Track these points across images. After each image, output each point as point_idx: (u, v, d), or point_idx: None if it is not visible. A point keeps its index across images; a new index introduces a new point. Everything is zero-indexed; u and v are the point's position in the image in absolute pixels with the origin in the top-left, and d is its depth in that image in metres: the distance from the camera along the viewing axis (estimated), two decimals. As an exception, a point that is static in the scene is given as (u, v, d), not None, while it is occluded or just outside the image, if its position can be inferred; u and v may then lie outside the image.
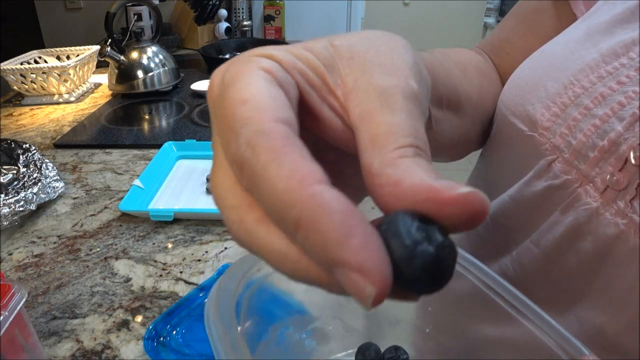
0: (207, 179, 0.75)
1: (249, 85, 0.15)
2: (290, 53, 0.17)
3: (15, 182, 0.68)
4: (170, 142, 0.85)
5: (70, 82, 1.16)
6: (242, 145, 0.14)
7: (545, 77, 0.31)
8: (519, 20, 0.41)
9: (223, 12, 1.66)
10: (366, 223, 0.13)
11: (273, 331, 0.30)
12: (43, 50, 1.27)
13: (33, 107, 1.14)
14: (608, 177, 0.26)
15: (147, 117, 1.08)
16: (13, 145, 0.78)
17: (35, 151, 0.76)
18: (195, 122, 1.01)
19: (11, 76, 1.10)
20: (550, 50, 0.34)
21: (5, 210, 0.62)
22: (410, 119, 0.16)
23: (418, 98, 0.17)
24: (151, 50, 1.17)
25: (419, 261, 0.13)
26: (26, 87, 1.13)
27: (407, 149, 0.15)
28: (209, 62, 1.40)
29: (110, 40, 1.12)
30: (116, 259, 0.59)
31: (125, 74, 1.14)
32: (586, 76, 0.28)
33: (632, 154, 0.25)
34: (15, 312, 0.36)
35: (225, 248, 0.60)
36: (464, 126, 0.34)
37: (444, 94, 0.29)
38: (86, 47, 1.28)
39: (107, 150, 0.90)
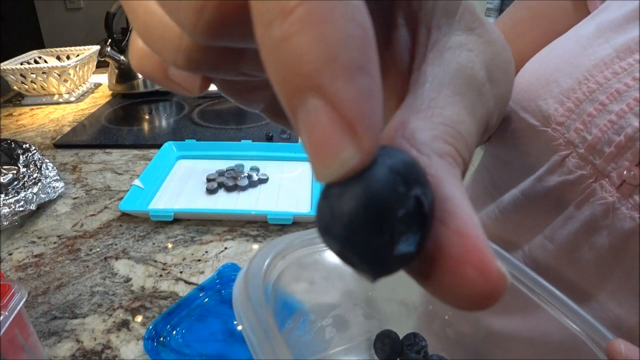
0: (207, 179, 0.75)
1: None
2: None
3: (15, 182, 0.68)
4: (170, 142, 0.85)
5: (70, 82, 1.16)
6: None
7: (557, 72, 0.31)
8: (531, 12, 0.40)
9: (223, 12, 1.66)
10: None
11: (295, 319, 0.31)
12: (43, 50, 1.27)
13: (33, 107, 1.14)
14: (625, 172, 0.27)
15: (147, 117, 1.08)
16: (13, 145, 0.78)
17: (35, 151, 0.76)
18: (195, 122, 1.01)
19: (11, 76, 1.10)
20: (561, 45, 0.34)
21: (5, 210, 0.62)
22: (463, 125, 0.13)
23: (485, 89, 0.15)
24: (151, 50, 1.17)
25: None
26: (26, 87, 1.13)
27: (449, 149, 0.12)
28: (209, 62, 1.40)
29: (110, 40, 1.12)
30: (116, 259, 0.59)
31: (125, 74, 1.14)
32: (600, 72, 0.29)
33: None
34: (15, 312, 0.36)
35: (225, 248, 0.60)
36: None
37: None
38: (86, 47, 1.28)
39: (107, 150, 0.90)
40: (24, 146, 0.77)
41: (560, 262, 0.31)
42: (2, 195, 0.64)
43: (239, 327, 0.19)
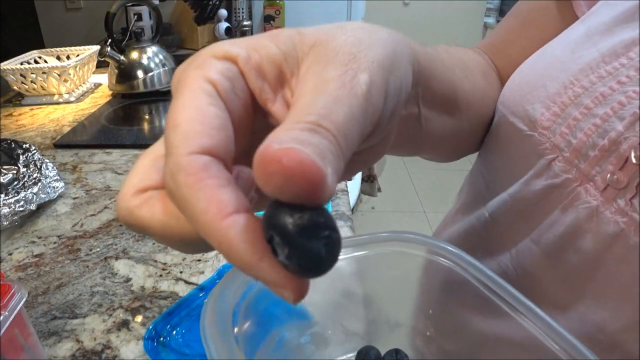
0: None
1: (184, 107, 0.16)
2: (250, 47, 0.17)
3: (15, 182, 0.68)
4: (170, 142, 0.85)
5: (70, 82, 1.16)
6: (167, 175, 0.15)
7: (545, 77, 0.31)
8: (520, 20, 0.41)
9: (223, 12, 1.66)
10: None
11: (272, 337, 0.30)
12: (43, 50, 1.27)
13: (33, 107, 1.14)
14: (608, 176, 0.26)
15: (147, 117, 1.08)
16: (13, 145, 0.78)
17: (35, 151, 0.76)
18: (195, 122, 1.01)
19: (11, 76, 1.10)
20: (550, 50, 0.34)
21: (5, 210, 0.62)
22: (330, 102, 0.15)
23: (364, 91, 0.16)
24: (151, 50, 1.17)
25: (295, 264, 0.14)
26: (26, 87, 1.13)
27: (304, 125, 0.15)
28: (209, 62, 1.39)
29: (110, 40, 1.12)
30: (116, 259, 0.59)
31: (125, 74, 1.14)
32: (586, 76, 0.28)
33: (632, 153, 0.25)
34: (15, 312, 0.36)
35: (225, 248, 0.60)
36: (458, 125, 0.34)
37: (438, 92, 0.29)
38: (86, 47, 1.28)
39: (107, 150, 0.90)
40: (24, 146, 0.77)
41: (546, 265, 0.30)
42: (2, 195, 0.64)
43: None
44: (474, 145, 0.39)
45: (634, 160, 0.25)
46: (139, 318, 0.49)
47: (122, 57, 1.13)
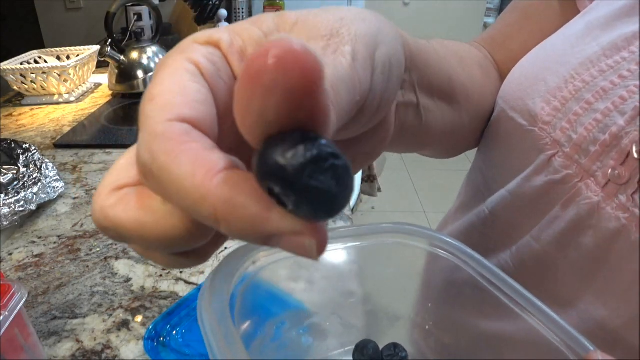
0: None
1: (163, 81, 0.14)
2: (232, 32, 0.16)
3: (15, 182, 0.68)
4: (170, 142, 0.85)
5: (70, 82, 1.16)
6: (141, 149, 0.13)
7: (546, 71, 0.31)
8: (520, 15, 0.40)
9: (223, 12, 1.66)
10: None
11: (269, 327, 0.30)
12: (43, 50, 1.27)
13: (33, 107, 1.14)
14: (610, 171, 0.26)
15: (147, 117, 1.08)
16: (13, 145, 0.78)
17: (35, 151, 0.76)
18: (195, 122, 1.01)
19: (11, 76, 1.10)
20: (550, 44, 0.33)
21: (5, 210, 0.62)
22: None
23: (349, 61, 0.16)
24: (151, 50, 1.17)
25: (306, 210, 0.12)
26: (26, 87, 1.13)
27: None
28: (209, 62, 1.39)
29: (110, 40, 1.12)
30: (116, 258, 0.59)
31: (125, 74, 1.14)
32: (587, 70, 0.28)
33: (634, 148, 0.25)
34: (15, 312, 0.36)
35: (225, 248, 0.60)
36: (458, 119, 0.33)
37: (435, 81, 0.29)
38: (86, 47, 1.28)
39: (107, 150, 0.90)
40: (24, 146, 0.77)
41: (546, 262, 0.30)
42: (2, 195, 0.64)
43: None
44: (474, 140, 0.39)
45: (635, 155, 0.25)
46: (139, 318, 0.49)
47: (122, 57, 1.13)
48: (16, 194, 0.65)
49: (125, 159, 0.16)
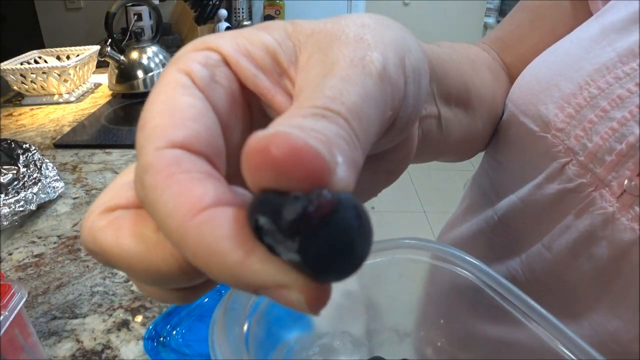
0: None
1: (154, 103, 0.14)
2: (239, 37, 0.16)
3: (15, 182, 0.68)
4: (170, 142, 0.85)
5: (70, 82, 1.16)
6: (135, 182, 0.13)
7: (559, 76, 0.30)
8: (530, 15, 0.39)
9: (223, 12, 1.66)
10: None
11: (280, 349, 0.30)
12: (43, 50, 1.27)
13: (33, 107, 1.14)
14: (626, 181, 0.26)
15: (147, 117, 1.08)
16: (13, 145, 0.78)
17: (35, 151, 0.76)
18: (195, 122, 1.01)
19: (11, 76, 1.10)
20: (563, 48, 0.32)
21: (5, 210, 0.62)
22: (339, 82, 0.13)
23: (379, 69, 0.14)
24: (151, 50, 1.17)
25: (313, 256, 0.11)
26: (26, 87, 1.13)
27: (308, 110, 0.12)
28: (209, 62, 1.39)
29: (110, 40, 1.12)
30: (116, 259, 0.59)
31: (125, 74, 1.14)
32: (602, 76, 0.27)
33: None
34: (15, 312, 0.36)
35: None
36: (473, 125, 0.32)
37: (453, 90, 0.28)
38: (86, 47, 1.28)
39: (107, 150, 0.90)
40: (24, 146, 0.77)
41: (558, 271, 0.30)
42: (2, 195, 0.64)
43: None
44: (485, 143, 0.38)
45: None
46: (139, 318, 0.49)
47: (122, 57, 1.13)
48: (16, 194, 0.64)
49: (122, 178, 0.16)
